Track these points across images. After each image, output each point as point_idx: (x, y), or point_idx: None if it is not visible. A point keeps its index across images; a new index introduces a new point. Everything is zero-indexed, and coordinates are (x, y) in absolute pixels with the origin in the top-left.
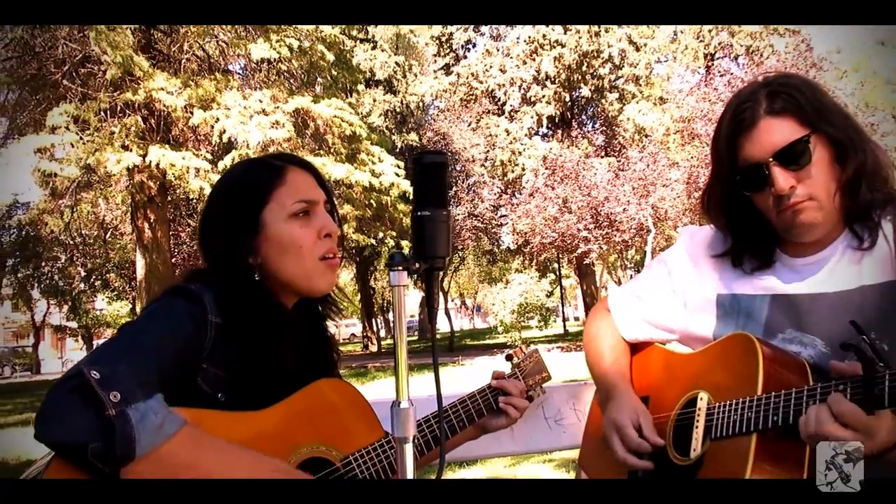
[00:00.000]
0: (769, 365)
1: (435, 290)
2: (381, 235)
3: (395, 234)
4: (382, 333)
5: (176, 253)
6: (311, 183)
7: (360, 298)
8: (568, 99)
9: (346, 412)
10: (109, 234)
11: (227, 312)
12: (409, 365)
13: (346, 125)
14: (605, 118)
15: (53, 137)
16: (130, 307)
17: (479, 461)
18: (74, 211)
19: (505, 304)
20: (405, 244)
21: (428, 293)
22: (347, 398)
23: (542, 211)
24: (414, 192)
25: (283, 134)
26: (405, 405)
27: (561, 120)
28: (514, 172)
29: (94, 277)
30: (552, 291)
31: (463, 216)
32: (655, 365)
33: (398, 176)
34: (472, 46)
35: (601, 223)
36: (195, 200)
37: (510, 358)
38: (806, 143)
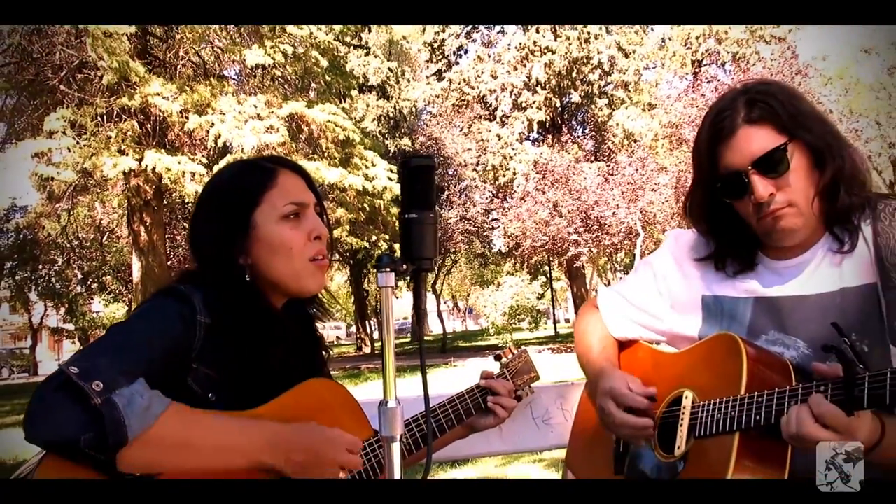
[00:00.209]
0: (753, 365)
1: (422, 290)
2: (374, 239)
3: (388, 237)
4: (376, 335)
5: (171, 256)
6: (301, 186)
7: (353, 301)
8: (558, 104)
9: (335, 411)
10: (106, 237)
11: (216, 312)
12: (400, 366)
13: (339, 130)
14: (594, 123)
15: (51, 142)
16: (127, 309)
17: (470, 461)
18: (71, 214)
19: (496, 306)
20: (398, 248)
21: (415, 293)
22: (337, 398)
23: (532, 215)
24: (402, 195)
25: (277, 138)
26: (392, 404)
27: (551, 125)
28: (505, 177)
29: (90, 280)
30: (543, 294)
31: (455, 220)
32: (642, 363)
33: (391, 180)
34: (464, 53)
35: (591, 227)
36: (191, 204)
37: (499, 358)
38: (784, 150)
